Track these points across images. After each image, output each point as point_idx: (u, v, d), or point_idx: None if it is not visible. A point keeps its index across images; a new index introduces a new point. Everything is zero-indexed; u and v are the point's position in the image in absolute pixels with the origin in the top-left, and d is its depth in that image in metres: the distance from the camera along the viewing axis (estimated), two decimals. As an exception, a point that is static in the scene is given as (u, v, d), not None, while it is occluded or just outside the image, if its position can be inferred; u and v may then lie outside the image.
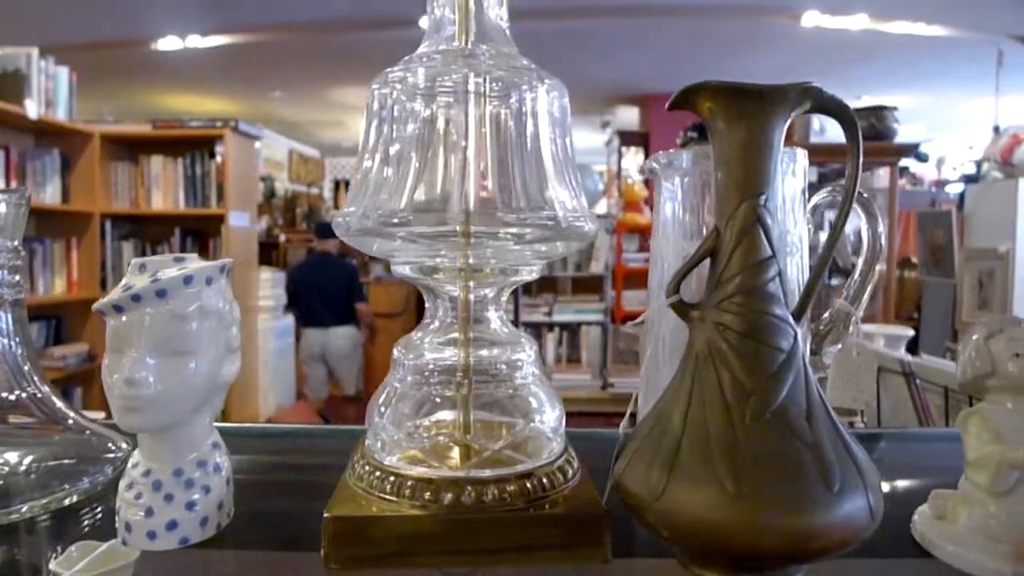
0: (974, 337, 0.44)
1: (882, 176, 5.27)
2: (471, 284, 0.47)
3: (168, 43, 4.34)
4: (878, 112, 2.33)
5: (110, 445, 0.56)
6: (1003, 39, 3.97)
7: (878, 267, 0.53)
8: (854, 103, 2.62)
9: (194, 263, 0.43)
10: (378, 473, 0.43)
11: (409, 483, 0.42)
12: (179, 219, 2.90)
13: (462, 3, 0.46)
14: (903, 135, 2.48)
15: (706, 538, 0.35)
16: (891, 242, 2.38)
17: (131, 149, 2.95)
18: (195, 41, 4.35)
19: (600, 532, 0.41)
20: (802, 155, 0.52)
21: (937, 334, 3.53)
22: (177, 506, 0.42)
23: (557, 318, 3.69)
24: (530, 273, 0.48)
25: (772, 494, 0.34)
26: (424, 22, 0.50)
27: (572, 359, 3.69)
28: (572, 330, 3.71)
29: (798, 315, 0.40)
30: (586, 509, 0.42)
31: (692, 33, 4.23)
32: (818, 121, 2.45)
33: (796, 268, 0.51)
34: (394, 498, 0.42)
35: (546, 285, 3.91)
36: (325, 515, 0.40)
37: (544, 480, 0.44)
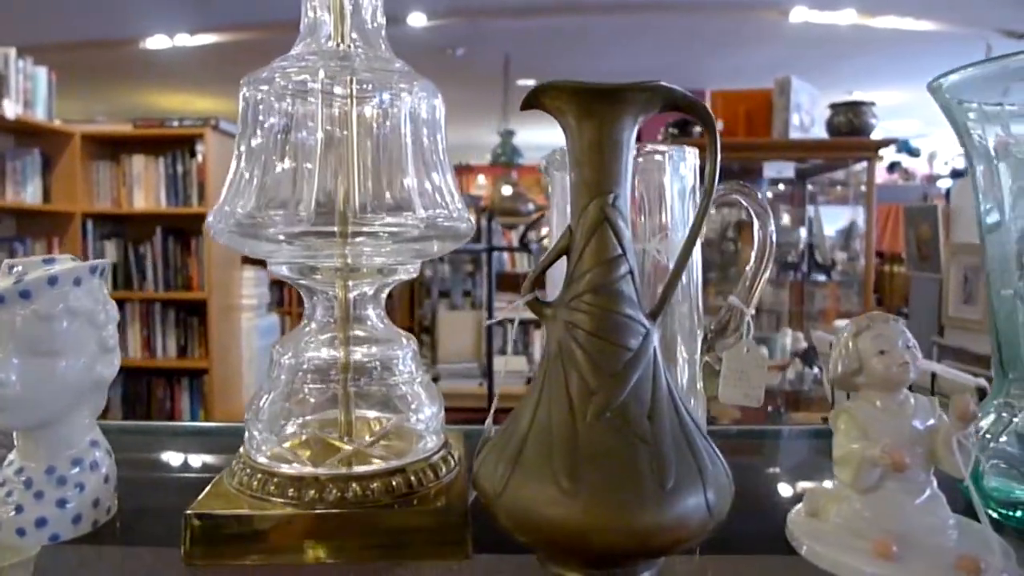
0: (843, 335, 0.44)
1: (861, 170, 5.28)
2: (350, 283, 0.47)
3: (156, 42, 4.35)
4: (855, 107, 2.33)
5: None
6: (991, 33, 3.96)
7: (770, 264, 0.53)
8: (844, 98, 2.62)
9: (63, 264, 0.44)
10: (248, 471, 0.44)
11: (275, 480, 0.42)
12: (161, 218, 2.91)
13: (336, 5, 0.46)
14: (895, 130, 2.49)
15: (543, 535, 0.35)
16: (869, 237, 2.38)
17: (112, 148, 2.95)
18: (184, 40, 4.36)
19: (461, 529, 0.41)
20: (692, 153, 0.53)
21: (925, 328, 3.53)
22: (47, 503, 0.43)
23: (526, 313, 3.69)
24: (408, 272, 0.48)
25: (604, 492, 0.34)
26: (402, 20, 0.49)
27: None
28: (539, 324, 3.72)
29: (655, 314, 0.40)
30: (448, 506, 0.42)
31: (682, 30, 4.23)
32: (798, 116, 2.45)
33: (692, 267, 0.51)
34: (261, 495, 0.42)
35: (506, 281, 3.91)
36: (186, 512, 0.41)
37: (413, 477, 0.44)
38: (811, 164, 2.58)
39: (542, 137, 6.43)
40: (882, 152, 5.60)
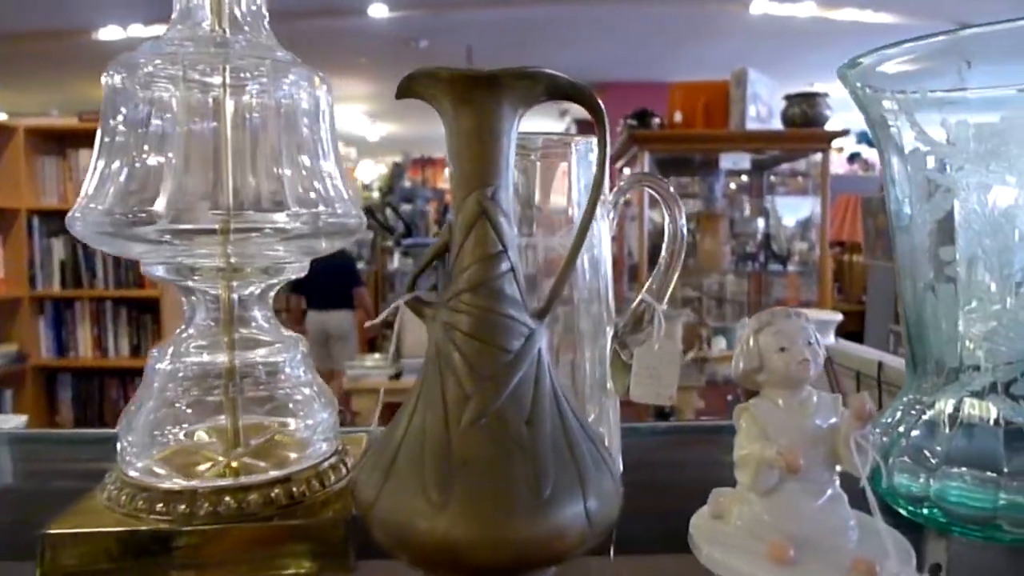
0: (744, 331, 0.43)
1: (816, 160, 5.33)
2: (233, 284, 0.45)
3: (109, 33, 4.24)
4: (810, 98, 2.34)
5: None
6: (948, 25, 3.99)
7: (682, 256, 0.51)
8: (805, 89, 2.62)
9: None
10: (119, 485, 0.41)
11: (145, 495, 0.40)
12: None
13: (213, -13, 0.43)
14: (855, 122, 2.49)
15: (413, 550, 0.33)
16: (823, 227, 2.40)
17: (58, 143, 2.85)
18: (137, 30, 4.24)
19: (343, 542, 0.39)
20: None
21: (882, 317, 3.59)
22: None
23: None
24: (296, 271, 0.46)
25: (474, 503, 0.32)
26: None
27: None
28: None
29: (543, 313, 0.38)
30: (329, 517, 0.40)
31: (644, 21, 4.23)
32: (754, 108, 2.45)
33: (590, 261, 0.50)
34: (129, 511, 0.40)
35: None
36: (42, 532, 0.38)
37: (296, 488, 0.41)
38: (768, 155, 2.59)
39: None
40: (842, 143, 5.68)
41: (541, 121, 6.00)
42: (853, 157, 5.30)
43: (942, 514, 0.43)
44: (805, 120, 2.31)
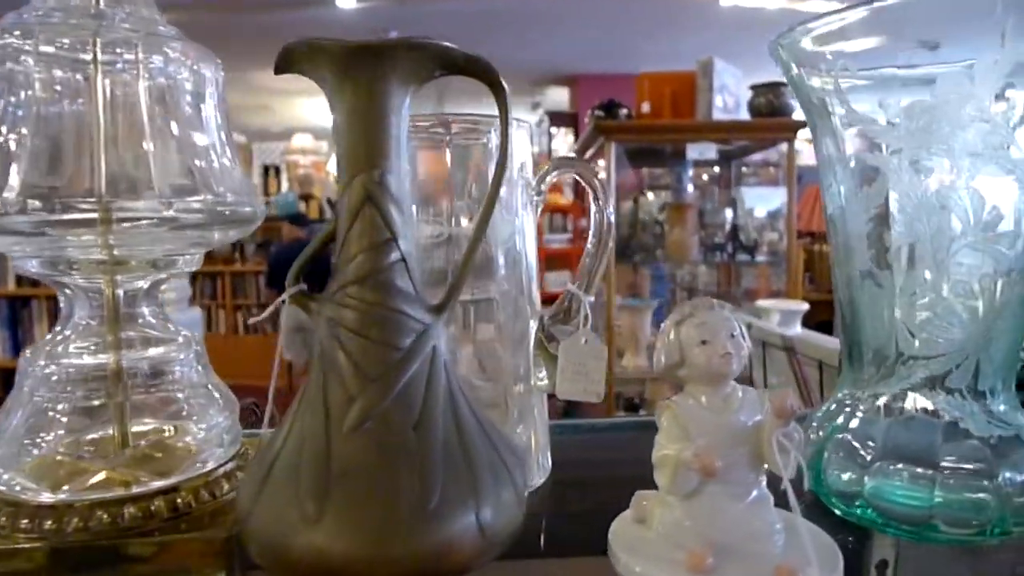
0: (666, 323, 0.40)
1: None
2: (118, 278, 0.41)
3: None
4: (775, 88, 2.33)
5: None
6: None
7: (610, 246, 0.48)
8: (772, 79, 2.61)
9: None
10: (-16, 500, 0.38)
11: (8, 510, 0.36)
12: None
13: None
14: None
15: (286, 566, 0.30)
16: (790, 217, 2.39)
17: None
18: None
19: (226, 557, 0.36)
20: (524, 127, 0.48)
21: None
22: None
23: (481, 297, 3.65)
24: (189, 263, 0.43)
25: (352, 515, 0.30)
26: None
27: (497, 342, 3.66)
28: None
29: (442, 307, 0.35)
30: (210, 531, 0.37)
31: (615, 13, 4.20)
32: (721, 98, 2.44)
33: (508, 253, 0.47)
34: (-8, 529, 0.36)
35: None
36: None
37: (181, 499, 0.38)
38: (736, 146, 2.58)
39: (480, 122, 6.36)
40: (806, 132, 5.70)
41: (516, 114, 5.96)
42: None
43: (876, 513, 0.41)
44: (771, 110, 2.30)
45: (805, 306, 2.13)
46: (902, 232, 0.40)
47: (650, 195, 2.89)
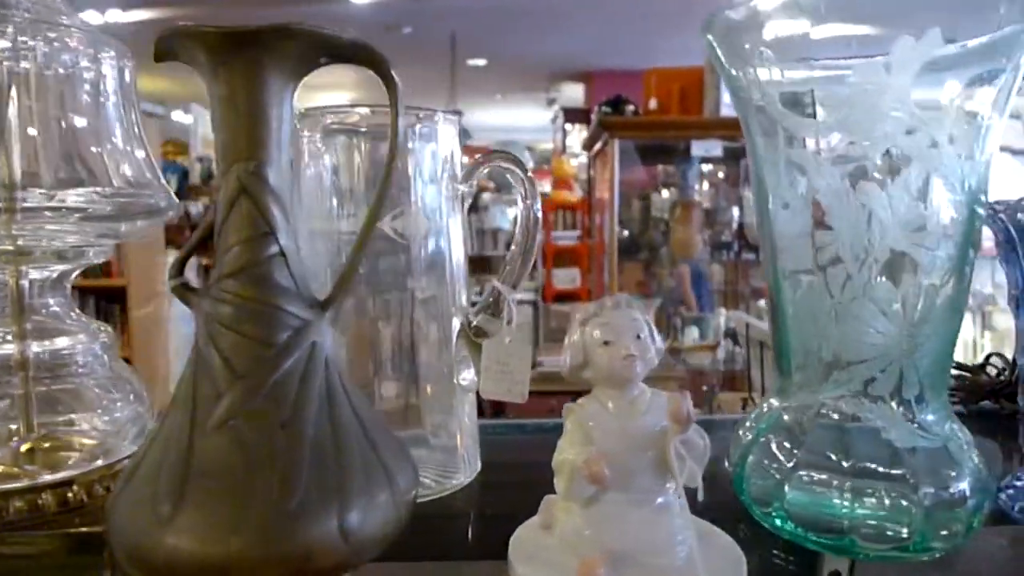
0: (572, 323, 0.39)
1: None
2: (24, 269, 0.41)
3: (87, 18, 4.16)
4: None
5: None
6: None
7: (536, 242, 0.47)
8: None
9: None
10: None
11: None
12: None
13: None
14: None
15: (140, 568, 0.29)
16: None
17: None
18: (116, 16, 4.17)
19: (101, 553, 0.35)
20: (450, 121, 0.47)
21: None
22: None
23: (489, 298, 3.64)
24: (99, 255, 0.42)
25: (204, 517, 0.29)
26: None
27: (505, 339, 3.65)
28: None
29: (328, 303, 0.34)
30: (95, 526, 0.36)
31: (632, 9, 4.16)
32: (728, 95, 2.40)
33: (427, 251, 0.45)
34: None
35: (478, 264, 3.87)
36: None
37: (71, 494, 0.38)
38: (741, 144, 2.53)
39: (491, 118, 6.34)
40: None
41: (527, 110, 5.95)
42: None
43: (792, 523, 0.39)
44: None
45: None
46: (825, 231, 0.39)
47: (664, 192, 2.86)
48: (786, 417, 0.42)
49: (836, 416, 0.40)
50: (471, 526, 0.44)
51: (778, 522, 0.40)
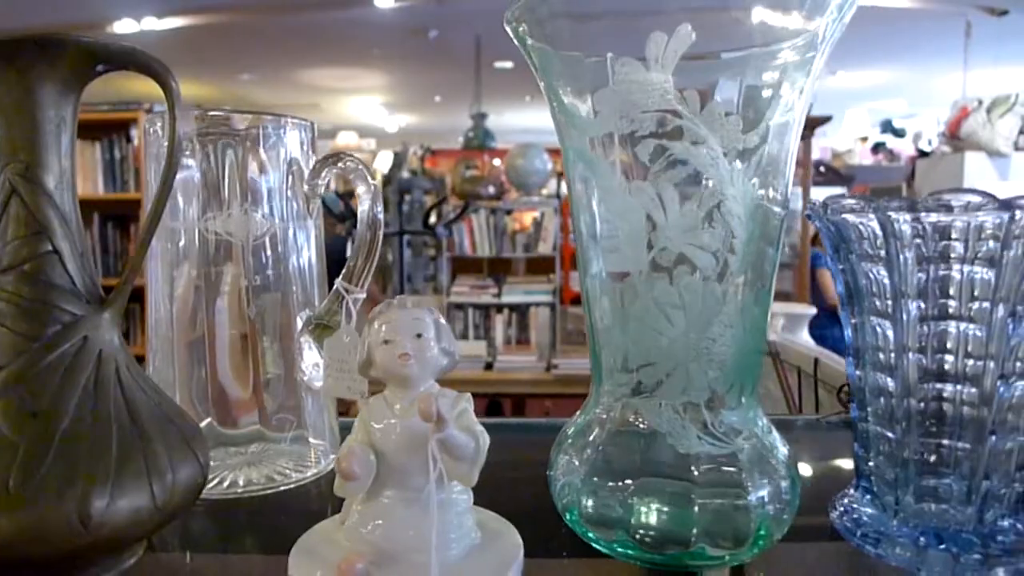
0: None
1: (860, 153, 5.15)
2: None
3: (123, 26, 4.32)
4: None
5: None
6: (970, 10, 3.82)
7: (378, 243, 0.48)
8: (828, 79, 2.51)
9: None
10: None
11: None
12: (98, 204, 2.84)
13: None
14: (880, 110, 2.38)
15: None
16: (803, 218, 2.30)
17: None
18: (151, 23, 4.33)
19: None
20: (300, 128, 0.48)
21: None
22: None
23: (506, 299, 3.65)
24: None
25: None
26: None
27: (522, 341, 3.66)
28: (521, 311, 3.68)
29: (109, 301, 0.36)
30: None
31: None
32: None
33: (290, 247, 0.47)
34: None
35: (497, 265, 3.88)
36: None
37: None
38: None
39: (516, 120, 6.35)
40: (867, 133, 5.45)
41: (528, 113, 5.92)
42: (877, 147, 5.09)
43: (584, 527, 0.39)
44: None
45: (812, 310, 2.06)
46: (608, 233, 0.39)
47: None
48: (592, 425, 0.42)
49: (633, 421, 0.40)
50: (288, 521, 0.45)
51: (579, 528, 0.40)
